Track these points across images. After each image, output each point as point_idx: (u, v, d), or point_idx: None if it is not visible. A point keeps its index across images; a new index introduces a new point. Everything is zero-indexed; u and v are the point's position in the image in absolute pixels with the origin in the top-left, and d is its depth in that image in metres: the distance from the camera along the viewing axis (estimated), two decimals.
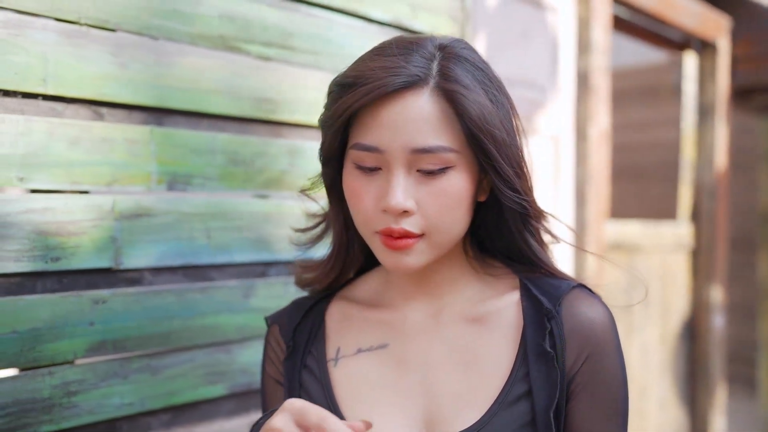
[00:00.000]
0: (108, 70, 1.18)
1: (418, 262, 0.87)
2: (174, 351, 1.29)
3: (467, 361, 0.91)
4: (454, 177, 0.85)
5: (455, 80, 0.83)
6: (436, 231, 0.86)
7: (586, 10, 2.47)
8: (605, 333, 0.90)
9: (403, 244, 0.85)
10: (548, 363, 0.87)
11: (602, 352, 0.89)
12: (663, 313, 3.23)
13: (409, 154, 0.83)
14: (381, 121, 0.84)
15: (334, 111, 0.87)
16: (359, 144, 0.86)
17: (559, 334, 0.88)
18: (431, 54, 0.86)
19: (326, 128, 0.90)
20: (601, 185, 2.55)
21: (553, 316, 0.89)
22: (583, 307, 0.90)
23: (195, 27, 1.30)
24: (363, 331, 0.96)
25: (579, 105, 2.49)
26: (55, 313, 1.13)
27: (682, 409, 3.36)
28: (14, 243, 1.08)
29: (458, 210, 0.86)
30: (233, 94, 1.36)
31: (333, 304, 1.01)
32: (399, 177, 0.84)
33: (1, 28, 1.06)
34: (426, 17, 1.74)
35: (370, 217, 0.86)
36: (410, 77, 0.83)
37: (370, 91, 0.83)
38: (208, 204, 1.33)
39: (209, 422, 1.35)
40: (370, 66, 0.84)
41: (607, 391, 0.89)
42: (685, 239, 3.34)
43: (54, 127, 1.13)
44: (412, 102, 0.83)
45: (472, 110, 0.83)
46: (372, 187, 0.86)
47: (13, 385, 1.08)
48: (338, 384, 0.94)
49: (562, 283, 0.92)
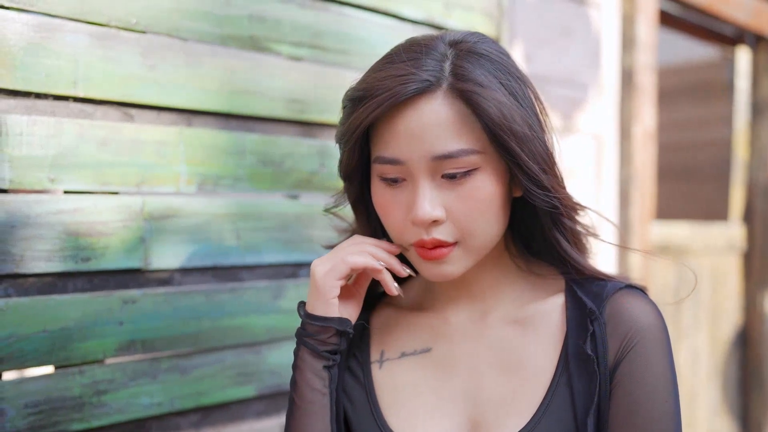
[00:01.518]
0: (137, 72, 1.19)
1: (457, 270, 0.85)
2: (203, 351, 1.29)
3: (511, 365, 0.89)
4: (481, 179, 0.82)
5: (469, 79, 0.81)
6: (470, 236, 0.84)
7: (630, 5, 2.40)
8: (649, 330, 0.85)
9: (438, 254, 0.83)
10: (589, 367, 0.84)
11: (644, 350, 0.84)
12: (713, 317, 3.12)
13: (430, 162, 0.81)
14: (398, 132, 0.82)
15: (348, 127, 0.85)
16: (380, 157, 0.84)
17: (601, 335, 0.85)
18: (442, 54, 0.83)
19: (342, 144, 0.89)
20: (646, 185, 2.47)
21: (596, 317, 0.85)
22: (627, 305, 0.86)
23: (224, 28, 1.31)
24: (407, 334, 0.96)
25: (623, 103, 2.42)
26: (86, 312, 1.14)
27: (734, 417, 3.24)
28: (45, 243, 1.10)
29: (490, 212, 0.84)
30: (263, 95, 1.36)
31: (378, 308, 1.01)
32: (424, 187, 0.82)
33: (32, 31, 1.08)
34: (460, 14, 1.71)
35: (402, 230, 0.85)
36: (421, 83, 0.80)
37: (381, 103, 0.80)
38: (237, 205, 1.33)
39: (238, 423, 1.35)
40: (379, 76, 0.82)
41: (645, 392, 0.83)
42: (736, 241, 3.22)
43: (84, 129, 1.14)
44: (426, 108, 0.81)
45: (490, 109, 0.80)
46: (400, 199, 0.84)
47: (44, 384, 1.10)
48: (381, 387, 0.94)
49: (609, 284, 0.88)
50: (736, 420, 3.25)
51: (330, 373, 0.90)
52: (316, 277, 0.89)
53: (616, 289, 0.87)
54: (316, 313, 0.89)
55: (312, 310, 0.90)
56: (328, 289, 0.88)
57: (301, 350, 0.91)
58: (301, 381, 0.90)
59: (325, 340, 0.90)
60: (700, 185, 4.46)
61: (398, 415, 0.91)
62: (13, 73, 1.06)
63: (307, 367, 0.90)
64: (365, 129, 0.84)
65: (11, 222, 1.06)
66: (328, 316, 0.89)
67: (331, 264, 0.89)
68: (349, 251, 0.89)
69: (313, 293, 0.90)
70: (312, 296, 0.90)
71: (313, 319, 0.89)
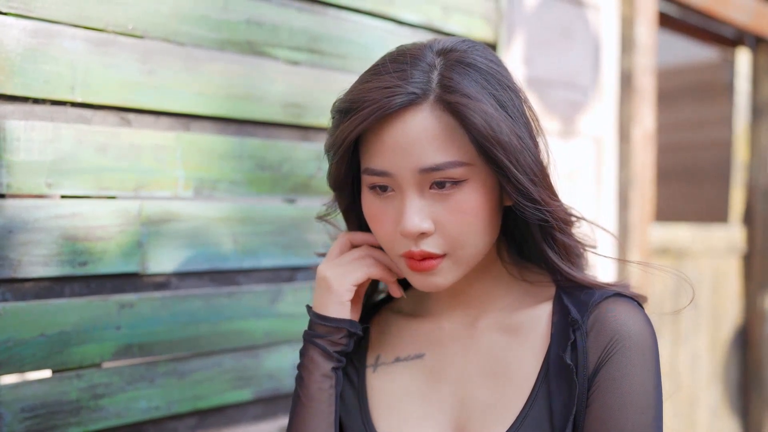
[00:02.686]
0: (135, 77, 1.20)
1: (446, 281, 0.86)
2: (200, 355, 1.29)
3: (497, 372, 0.89)
4: (469, 190, 0.82)
5: (456, 90, 0.80)
6: (459, 248, 0.84)
7: (629, 7, 2.40)
8: (630, 339, 0.82)
9: (428, 265, 0.83)
10: (568, 376, 0.84)
11: (623, 358, 0.82)
12: (713, 319, 3.12)
13: (418, 175, 0.81)
14: (385, 144, 0.82)
15: (335, 139, 0.85)
16: (369, 169, 0.84)
17: (582, 344, 0.84)
18: (430, 65, 0.82)
19: (331, 156, 0.89)
20: (646, 187, 2.47)
21: (579, 326, 0.84)
22: (611, 313, 0.84)
23: (222, 32, 1.31)
24: (402, 340, 0.97)
25: (622, 105, 2.42)
26: (83, 317, 1.15)
27: (735, 419, 3.23)
28: (43, 248, 1.10)
29: (478, 223, 0.83)
30: (261, 99, 1.36)
31: (378, 314, 1.02)
32: (412, 199, 0.82)
33: (30, 37, 1.08)
34: (459, 18, 1.71)
35: (392, 241, 0.85)
36: (408, 95, 0.80)
37: (366, 117, 0.80)
38: (234, 209, 1.34)
39: (235, 427, 1.35)
40: (366, 87, 0.82)
41: (620, 402, 0.81)
42: (737, 243, 3.22)
43: (82, 134, 1.14)
44: (413, 121, 0.80)
45: (477, 121, 0.79)
46: (389, 211, 0.85)
47: (41, 388, 1.11)
48: (373, 391, 0.95)
49: (597, 292, 0.87)
50: (737, 421, 3.24)
51: (337, 375, 0.92)
52: (330, 279, 0.91)
53: (603, 298, 0.86)
54: (329, 315, 0.91)
55: (324, 312, 0.91)
56: (343, 292, 0.91)
57: (310, 351, 0.92)
58: (309, 381, 0.91)
59: (337, 341, 0.91)
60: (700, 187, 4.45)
61: (388, 419, 0.91)
62: (11, 79, 1.06)
63: (316, 368, 0.91)
64: (352, 142, 0.84)
65: (9, 227, 1.07)
66: (342, 318, 0.91)
67: (345, 269, 0.92)
68: (365, 263, 0.93)
69: (324, 295, 0.92)
70: (323, 298, 0.92)
71: (326, 320, 0.91)
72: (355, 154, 0.88)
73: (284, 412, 1.42)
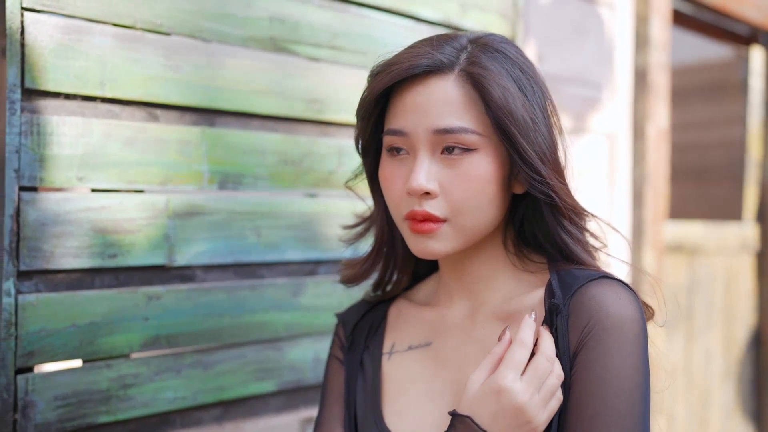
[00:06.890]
0: (162, 73, 1.22)
1: (443, 248, 0.87)
2: (224, 347, 1.32)
3: None
4: (478, 160, 0.85)
5: (480, 65, 0.85)
6: (460, 215, 0.86)
7: (643, 5, 2.41)
8: (611, 320, 0.80)
9: (427, 228, 0.86)
10: None
11: (602, 339, 0.80)
12: (727, 317, 3.11)
13: (431, 136, 0.85)
14: (407, 105, 0.87)
15: (365, 96, 0.90)
16: (388, 129, 0.89)
17: (562, 329, 0.83)
18: (463, 46, 0.88)
19: (359, 115, 0.93)
20: (660, 185, 2.48)
21: (559, 311, 0.84)
22: (591, 294, 0.82)
23: (246, 29, 1.33)
24: (415, 329, 0.99)
25: (636, 103, 2.43)
26: (112, 308, 1.17)
27: (748, 418, 3.23)
28: (74, 240, 1.13)
29: (483, 194, 0.86)
30: (283, 95, 1.39)
31: (395, 303, 1.04)
32: (423, 159, 0.85)
33: (62, 33, 1.11)
34: (476, 15, 1.73)
35: (399, 202, 0.88)
36: (436, 61, 0.85)
37: (394, 75, 0.86)
38: (258, 203, 1.36)
39: (258, 418, 1.38)
40: (401, 54, 0.88)
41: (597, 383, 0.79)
42: (750, 241, 3.21)
43: (111, 129, 1.17)
44: (436, 86, 0.85)
45: (495, 92, 0.83)
46: (401, 173, 0.88)
47: (73, 377, 1.13)
48: (386, 377, 0.98)
49: (583, 273, 0.86)
50: (750, 421, 3.24)
51: None
52: (530, 411, 0.78)
53: (588, 280, 0.84)
54: None
55: None
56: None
57: None
58: None
59: None
60: (713, 185, 4.44)
61: (394, 405, 0.94)
62: (44, 75, 1.09)
63: None
64: (377, 97, 0.89)
65: (42, 219, 1.09)
66: None
67: (543, 397, 0.80)
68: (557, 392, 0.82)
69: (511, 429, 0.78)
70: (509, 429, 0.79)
71: None
72: (381, 122, 0.92)
73: (305, 403, 1.44)
